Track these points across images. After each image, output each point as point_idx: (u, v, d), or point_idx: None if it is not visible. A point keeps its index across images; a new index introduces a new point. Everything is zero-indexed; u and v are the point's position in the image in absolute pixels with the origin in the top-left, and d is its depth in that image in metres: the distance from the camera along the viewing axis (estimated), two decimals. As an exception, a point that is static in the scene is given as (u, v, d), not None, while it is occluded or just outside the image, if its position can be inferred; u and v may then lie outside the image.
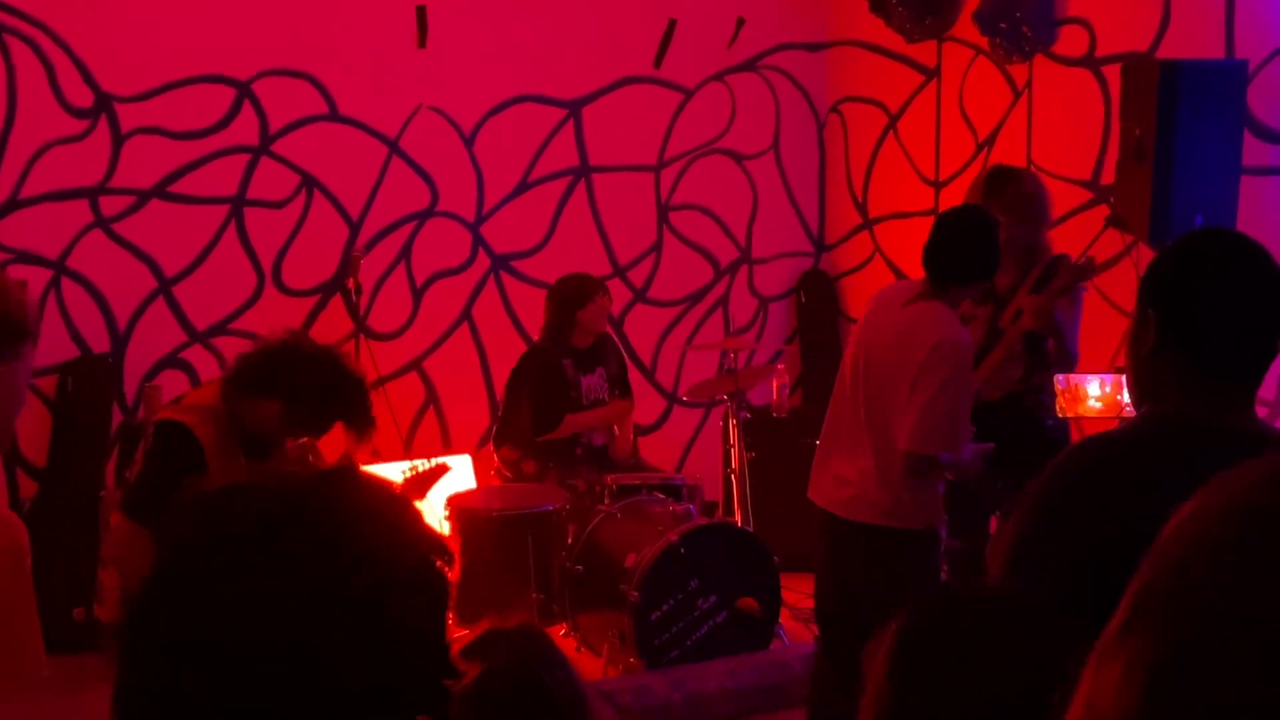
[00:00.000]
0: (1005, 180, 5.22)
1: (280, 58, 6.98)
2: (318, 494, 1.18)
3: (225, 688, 1.09)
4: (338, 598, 1.11)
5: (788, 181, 8.45)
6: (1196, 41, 6.03)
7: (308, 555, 1.12)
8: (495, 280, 7.64)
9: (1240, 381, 2.12)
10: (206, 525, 1.16)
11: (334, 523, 1.15)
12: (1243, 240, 2.19)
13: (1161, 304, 2.12)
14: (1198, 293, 2.10)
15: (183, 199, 6.84)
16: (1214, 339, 2.09)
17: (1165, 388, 2.12)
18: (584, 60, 7.72)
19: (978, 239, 4.37)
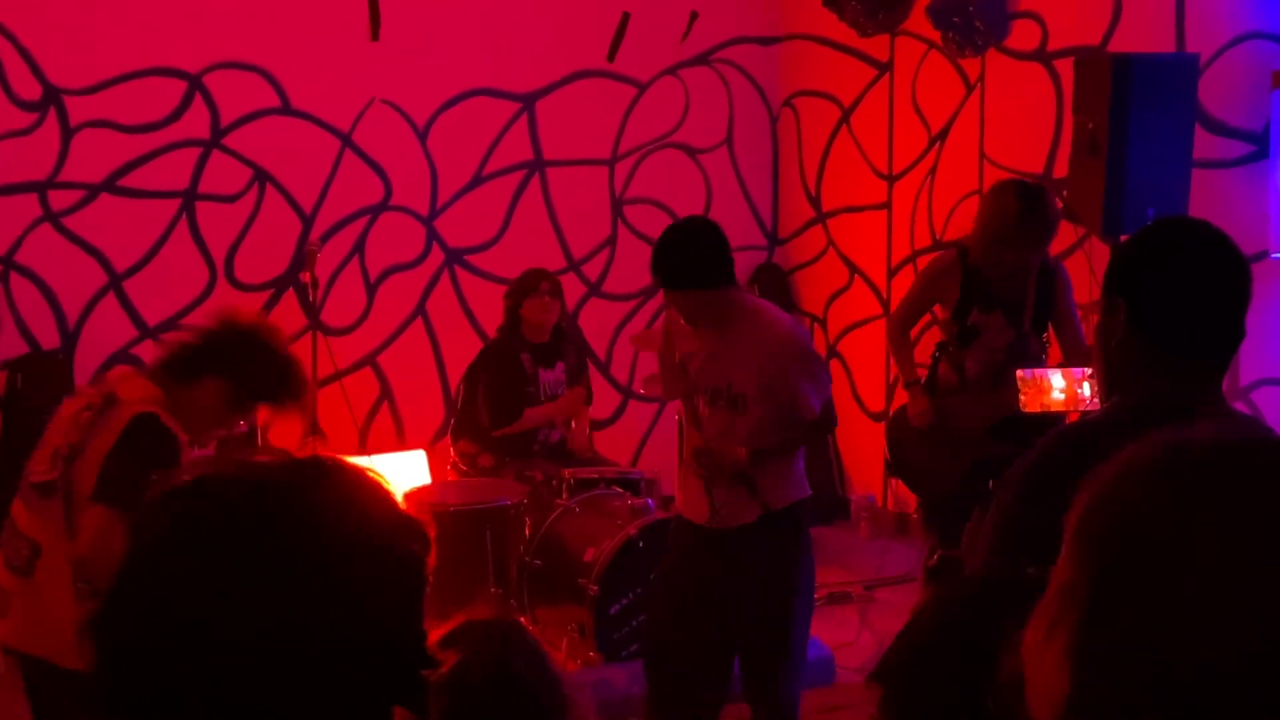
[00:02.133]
0: (1039, 207, 5.00)
1: (231, 50, 6.92)
2: (291, 483, 1.16)
3: (201, 679, 1.08)
4: (312, 588, 1.10)
5: (741, 175, 8.46)
6: (1147, 35, 6.09)
7: (281, 545, 1.11)
8: (449, 275, 7.61)
9: (1209, 365, 2.15)
10: (180, 517, 1.14)
11: (308, 512, 1.14)
12: (1205, 226, 2.22)
13: (1129, 291, 2.14)
14: (1164, 278, 2.13)
15: (133, 193, 6.77)
16: (1182, 323, 2.11)
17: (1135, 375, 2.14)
18: (537, 54, 7.70)
19: None
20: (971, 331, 5.25)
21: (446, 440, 7.13)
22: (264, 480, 1.16)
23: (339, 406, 7.08)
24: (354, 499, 1.17)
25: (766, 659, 4.43)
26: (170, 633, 1.09)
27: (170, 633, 1.09)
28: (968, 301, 5.23)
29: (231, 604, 1.08)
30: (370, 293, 7.41)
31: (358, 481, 1.20)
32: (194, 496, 1.16)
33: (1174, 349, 2.11)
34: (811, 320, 8.48)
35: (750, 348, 4.23)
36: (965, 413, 5.24)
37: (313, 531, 1.13)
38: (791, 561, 4.38)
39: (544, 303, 6.27)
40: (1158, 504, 0.97)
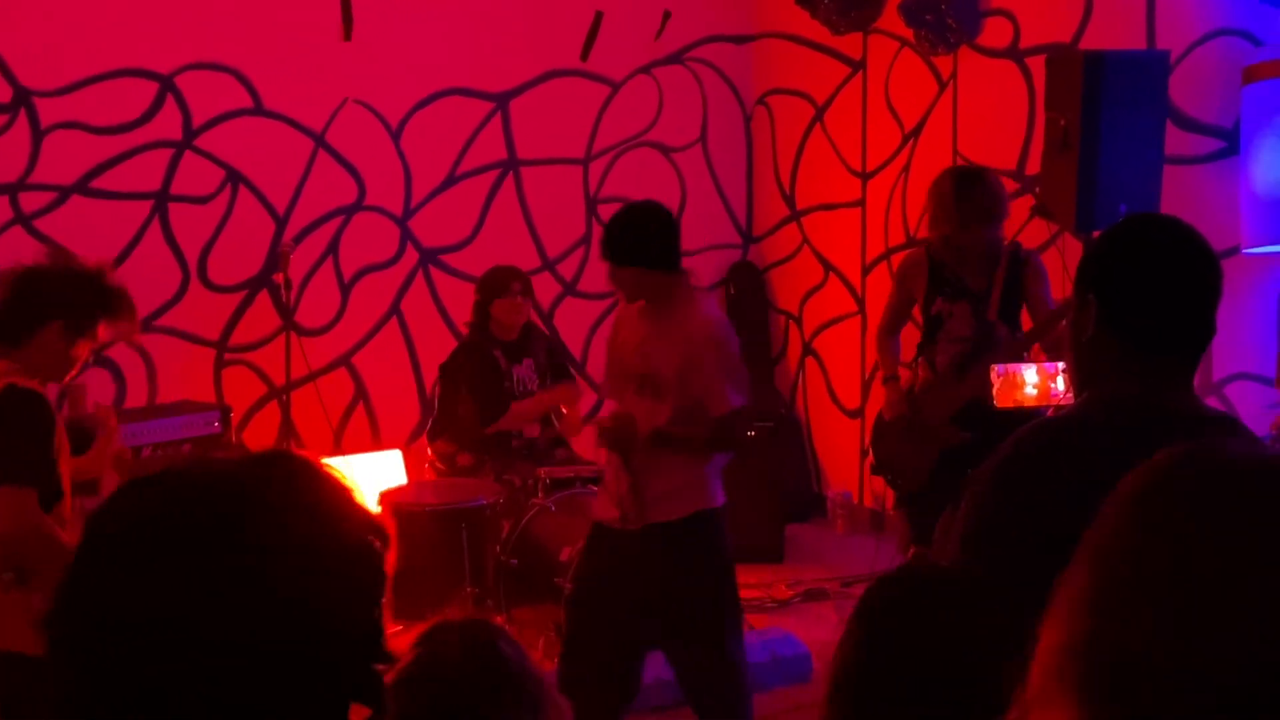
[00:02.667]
0: (972, 184, 5.19)
1: (203, 51, 6.89)
2: (248, 479, 1.16)
3: (153, 675, 1.08)
4: (266, 584, 1.10)
5: (715, 174, 8.47)
6: (1118, 32, 6.11)
7: (235, 541, 1.11)
8: (424, 274, 7.59)
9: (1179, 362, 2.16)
10: (134, 513, 1.14)
11: (263, 508, 1.13)
12: (1175, 223, 2.23)
13: (1100, 287, 2.15)
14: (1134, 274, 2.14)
15: (105, 195, 6.74)
16: (1152, 319, 2.12)
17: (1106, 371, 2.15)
18: (511, 53, 7.69)
19: None
20: (936, 321, 5.29)
21: (423, 440, 7.11)
22: (220, 476, 1.16)
23: (313, 407, 7.06)
24: (311, 495, 1.17)
25: (689, 666, 4.40)
26: (123, 629, 1.08)
27: (123, 629, 1.08)
28: (933, 292, 5.29)
29: (184, 600, 1.08)
30: (344, 293, 7.39)
31: (316, 477, 1.19)
32: (149, 493, 1.15)
33: (1144, 345, 2.12)
34: (787, 318, 8.50)
35: (676, 335, 4.26)
36: (934, 404, 5.27)
37: (268, 528, 1.12)
38: (697, 568, 4.32)
39: (515, 303, 6.26)
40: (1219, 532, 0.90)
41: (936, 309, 5.29)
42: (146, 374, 6.88)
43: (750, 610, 6.47)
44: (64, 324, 3.67)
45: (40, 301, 3.67)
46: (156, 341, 6.87)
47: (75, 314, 3.69)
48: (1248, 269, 5.64)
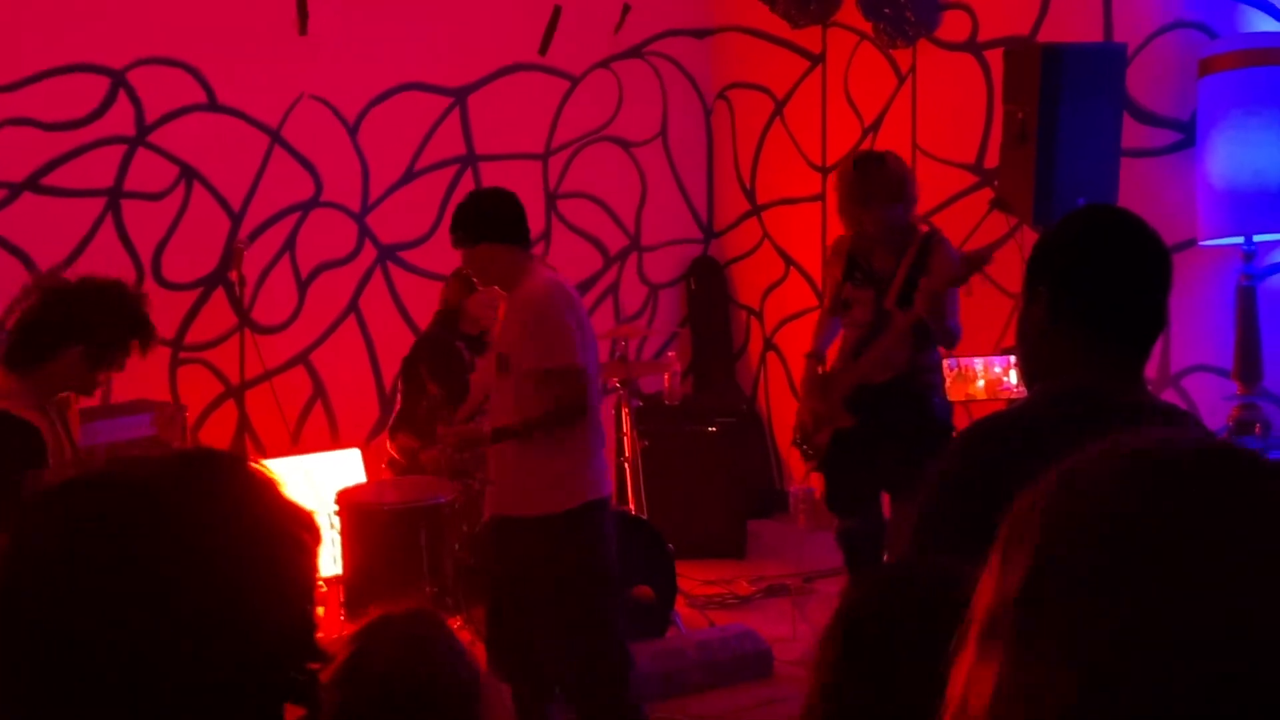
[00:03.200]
0: (874, 164, 5.27)
1: (156, 46, 6.81)
2: (169, 482, 1.13)
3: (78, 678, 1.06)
4: (190, 584, 1.08)
5: (676, 168, 8.45)
6: (1076, 25, 6.12)
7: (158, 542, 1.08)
8: (382, 271, 7.53)
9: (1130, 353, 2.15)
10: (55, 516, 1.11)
11: (186, 507, 1.11)
12: (1124, 214, 2.22)
13: (1050, 279, 2.14)
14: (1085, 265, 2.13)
15: (57, 192, 6.65)
16: (1103, 312, 2.11)
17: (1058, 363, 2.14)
18: (469, 48, 7.64)
19: None
20: (845, 306, 5.38)
21: (382, 438, 7.06)
22: (138, 481, 1.12)
23: (269, 406, 7.00)
24: (234, 494, 1.14)
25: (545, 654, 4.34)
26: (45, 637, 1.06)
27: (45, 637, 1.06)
28: (846, 278, 5.37)
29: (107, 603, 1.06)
30: (301, 290, 7.32)
31: (240, 475, 1.16)
32: (70, 495, 1.12)
33: (1095, 337, 2.11)
34: (748, 313, 8.48)
35: (514, 309, 4.27)
36: (832, 387, 5.37)
37: (191, 527, 1.10)
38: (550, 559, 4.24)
39: (491, 299, 6.21)
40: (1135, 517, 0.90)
41: (846, 295, 5.38)
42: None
43: (712, 606, 6.46)
44: (85, 350, 3.61)
45: (67, 324, 3.60)
46: (110, 340, 6.79)
47: (99, 340, 3.63)
48: (1204, 261, 5.65)
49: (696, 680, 5.35)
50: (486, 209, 4.32)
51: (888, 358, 5.21)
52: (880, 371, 5.21)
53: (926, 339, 5.21)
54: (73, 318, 3.62)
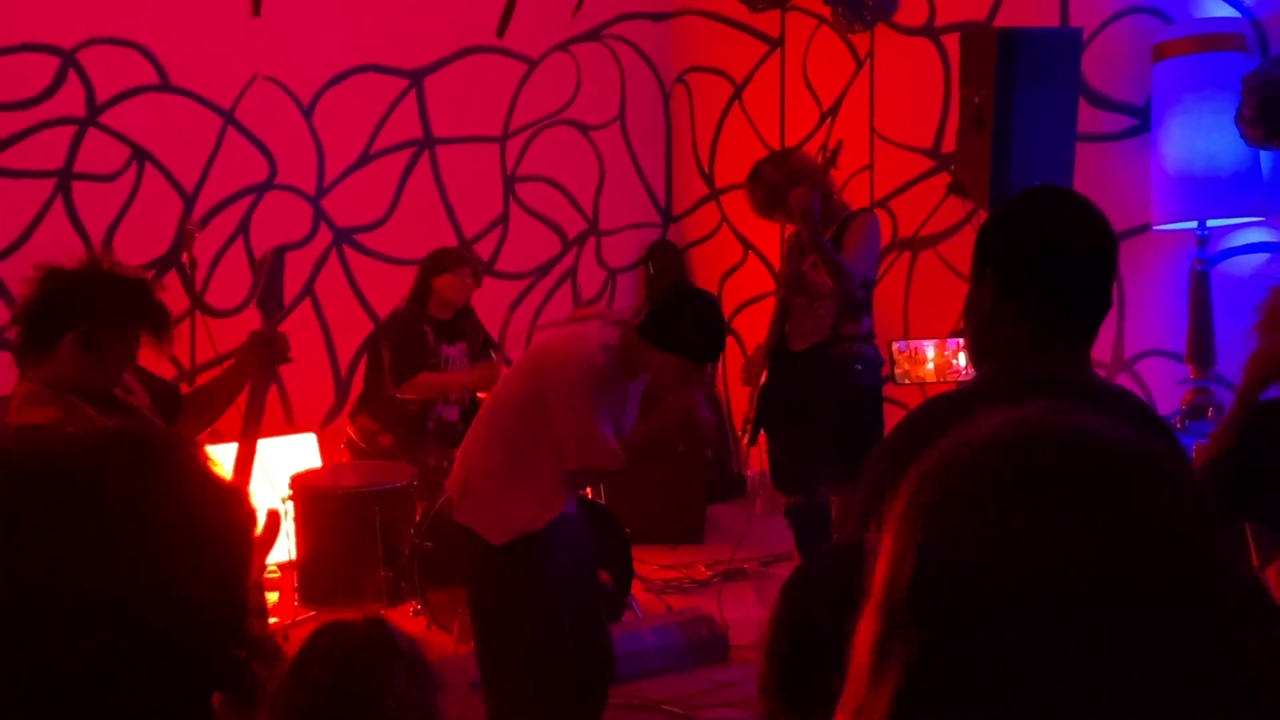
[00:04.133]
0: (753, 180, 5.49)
1: (107, 25, 6.72)
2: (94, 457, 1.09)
3: None
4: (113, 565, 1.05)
5: (634, 152, 8.42)
6: (1032, 11, 6.13)
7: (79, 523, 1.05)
8: (338, 254, 7.48)
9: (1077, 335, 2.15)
10: None
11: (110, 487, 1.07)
12: (1069, 194, 2.22)
13: (997, 261, 2.14)
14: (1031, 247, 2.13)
15: (5, 173, 6.56)
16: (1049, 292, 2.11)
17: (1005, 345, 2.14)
18: (425, 29, 7.58)
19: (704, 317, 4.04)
20: None
21: (338, 422, 7.02)
22: (64, 454, 1.09)
23: (224, 390, 6.93)
24: (161, 475, 1.11)
25: None
26: None
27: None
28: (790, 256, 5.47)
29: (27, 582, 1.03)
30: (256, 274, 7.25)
31: (168, 455, 1.13)
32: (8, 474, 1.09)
33: (1040, 318, 2.11)
34: (706, 297, 8.47)
35: None
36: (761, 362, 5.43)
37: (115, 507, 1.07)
38: None
39: (463, 281, 6.18)
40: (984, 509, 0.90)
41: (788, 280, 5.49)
42: (51, 357, 6.71)
43: (669, 591, 6.45)
44: (78, 336, 3.31)
45: (60, 308, 3.34)
46: (61, 323, 6.71)
47: (95, 324, 3.34)
48: (1158, 245, 5.68)
49: (653, 664, 5.35)
50: None
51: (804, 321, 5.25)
52: (799, 338, 5.25)
53: (852, 309, 5.23)
54: (65, 301, 3.35)
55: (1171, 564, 0.86)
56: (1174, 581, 0.86)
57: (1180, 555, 0.87)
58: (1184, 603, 0.85)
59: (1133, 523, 0.87)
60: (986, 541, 0.89)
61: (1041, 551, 0.86)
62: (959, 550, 0.90)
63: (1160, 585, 0.85)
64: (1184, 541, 0.88)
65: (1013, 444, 0.94)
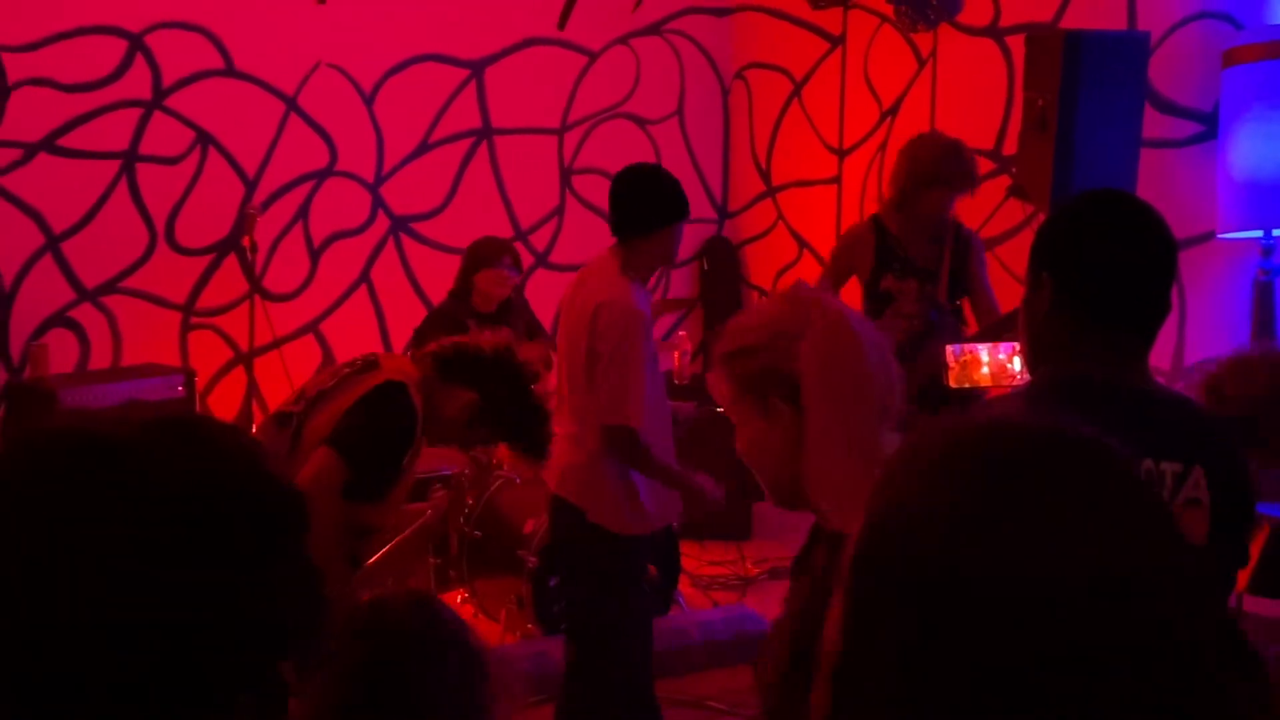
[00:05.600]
0: (960, 148, 5.20)
1: (174, 10, 6.79)
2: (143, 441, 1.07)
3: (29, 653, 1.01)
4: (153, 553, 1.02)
5: (691, 147, 8.41)
6: (1099, 13, 6.08)
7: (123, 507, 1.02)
8: (395, 242, 7.52)
9: (1134, 340, 2.13)
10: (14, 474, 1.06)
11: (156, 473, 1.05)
12: (1128, 198, 2.20)
13: (1054, 265, 2.13)
14: (1088, 251, 2.11)
15: (72, 153, 6.64)
16: (1106, 297, 2.10)
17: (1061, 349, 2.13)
18: (487, 20, 7.61)
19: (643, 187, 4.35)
20: (884, 298, 5.25)
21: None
22: (112, 438, 1.07)
23: (278, 375, 6.98)
24: (214, 460, 1.08)
25: None
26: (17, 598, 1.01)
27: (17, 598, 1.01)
28: (881, 268, 5.24)
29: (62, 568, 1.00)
30: (314, 259, 7.31)
31: (223, 442, 1.10)
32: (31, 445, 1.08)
33: (1098, 323, 2.10)
34: (760, 294, 8.45)
35: None
36: None
37: (160, 493, 1.04)
38: None
39: (501, 275, 6.19)
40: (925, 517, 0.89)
41: (885, 285, 5.25)
42: (111, 336, 6.79)
43: (715, 587, 6.45)
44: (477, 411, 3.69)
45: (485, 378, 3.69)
46: (122, 304, 6.79)
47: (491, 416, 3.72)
48: (1223, 253, 5.62)
49: (698, 660, 5.36)
50: None
51: None
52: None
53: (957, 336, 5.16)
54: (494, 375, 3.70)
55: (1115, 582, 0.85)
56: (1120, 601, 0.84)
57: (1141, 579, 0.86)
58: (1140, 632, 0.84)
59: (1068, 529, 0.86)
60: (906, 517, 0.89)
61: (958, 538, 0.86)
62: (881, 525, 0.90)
63: None
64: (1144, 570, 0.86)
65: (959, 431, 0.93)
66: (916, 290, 5.21)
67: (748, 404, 2.16)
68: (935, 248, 5.19)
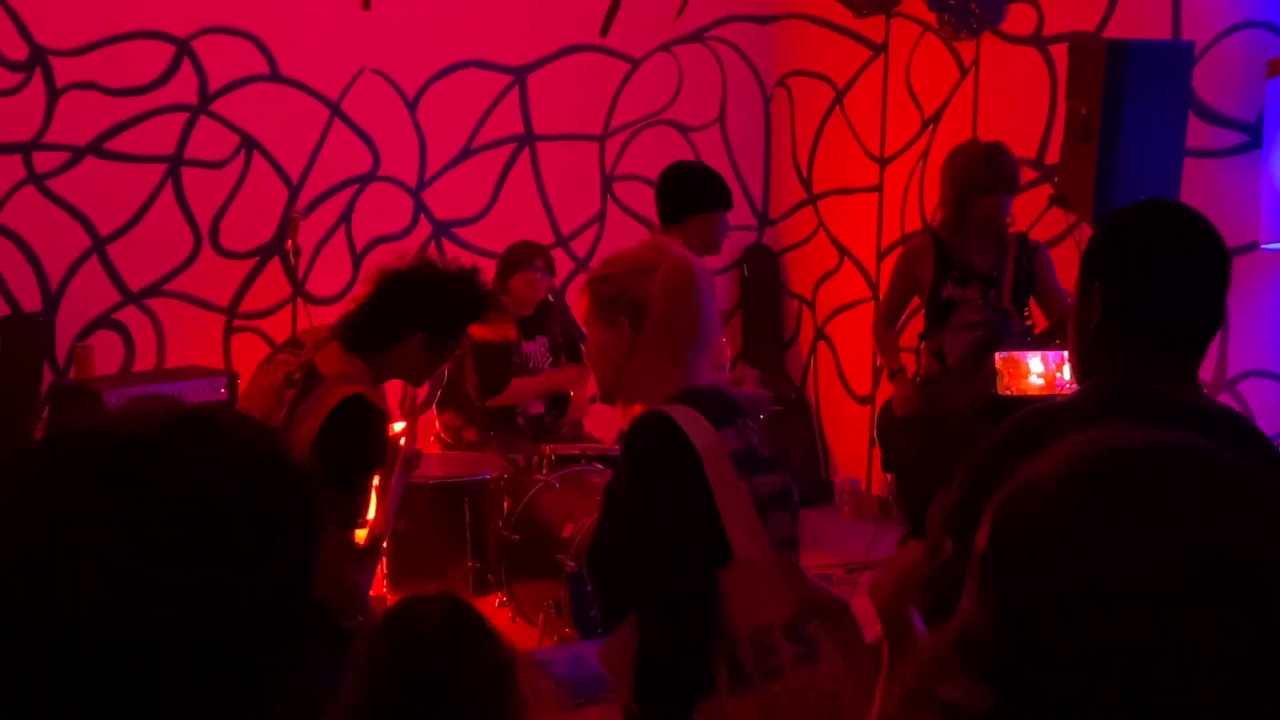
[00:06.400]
0: (1002, 151, 5.25)
1: (221, 15, 6.85)
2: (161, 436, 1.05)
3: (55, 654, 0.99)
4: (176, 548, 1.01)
5: (733, 155, 8.42)
6: (1143, 22, 6.05)
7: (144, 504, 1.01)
8: (436, 246, 7.56)
9: (1186, 353, 2.11)
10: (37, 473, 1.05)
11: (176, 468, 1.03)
12: (1182, 209, 2.18)
13: (1107, 277, 2.11)
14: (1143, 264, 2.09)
15: (118, 157, 6.70)
16: (1161, 310, 2.08)
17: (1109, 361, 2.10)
18: (530, 27, 7.64)
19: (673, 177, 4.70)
20: (947, 306, 5.24)
21: (430, 412, 7.08)
22: (133, 433, 1.06)
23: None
24: (235, 455, 1.07)
25: None
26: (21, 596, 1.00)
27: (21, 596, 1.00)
28: (942, 277, 5.24)
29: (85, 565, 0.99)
30: (356, 263, 7.36)
31: (244, 436, 1.10)
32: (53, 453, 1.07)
33: (1151, 335, 2.08)
34: (800, 302, 8.45)
35: None
36: (950, 398, 5.21)
37: (181, 489, 1.03)
38: None
39: (535, 278, 6.22)
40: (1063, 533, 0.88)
41: (947, 294, 5.26)
42: (155, 338, 6.86)
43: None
44: (427, 337, 3.65)
45: (414, 313, 3.64)
46: (166, 306, 6.86)
47: (446, 328, 3.68)
48: (1266, 265, 5.58)
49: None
50: None
51: None
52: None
53: None
54: (418, 305, 3.64)
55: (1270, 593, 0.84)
56: None
57: None
58: None
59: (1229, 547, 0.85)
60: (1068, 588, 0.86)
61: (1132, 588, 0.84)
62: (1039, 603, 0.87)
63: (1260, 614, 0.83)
64: None
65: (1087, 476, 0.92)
66: (980, 297, 5.20)
67: (601, 319, 2.74)
68: (997, 254, 5.18)
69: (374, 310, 3.69)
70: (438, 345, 3.69)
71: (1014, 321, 5.18)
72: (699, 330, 2.71)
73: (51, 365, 6.60)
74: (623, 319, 2.67)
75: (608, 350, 2.74)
